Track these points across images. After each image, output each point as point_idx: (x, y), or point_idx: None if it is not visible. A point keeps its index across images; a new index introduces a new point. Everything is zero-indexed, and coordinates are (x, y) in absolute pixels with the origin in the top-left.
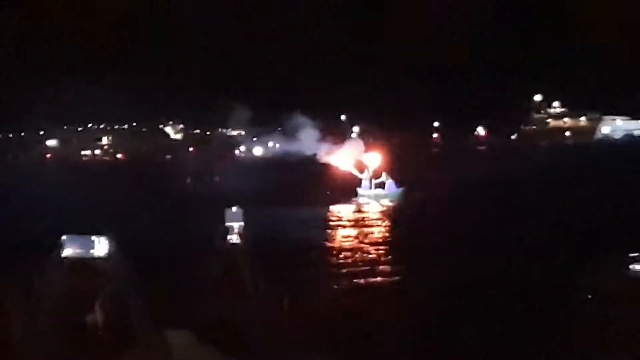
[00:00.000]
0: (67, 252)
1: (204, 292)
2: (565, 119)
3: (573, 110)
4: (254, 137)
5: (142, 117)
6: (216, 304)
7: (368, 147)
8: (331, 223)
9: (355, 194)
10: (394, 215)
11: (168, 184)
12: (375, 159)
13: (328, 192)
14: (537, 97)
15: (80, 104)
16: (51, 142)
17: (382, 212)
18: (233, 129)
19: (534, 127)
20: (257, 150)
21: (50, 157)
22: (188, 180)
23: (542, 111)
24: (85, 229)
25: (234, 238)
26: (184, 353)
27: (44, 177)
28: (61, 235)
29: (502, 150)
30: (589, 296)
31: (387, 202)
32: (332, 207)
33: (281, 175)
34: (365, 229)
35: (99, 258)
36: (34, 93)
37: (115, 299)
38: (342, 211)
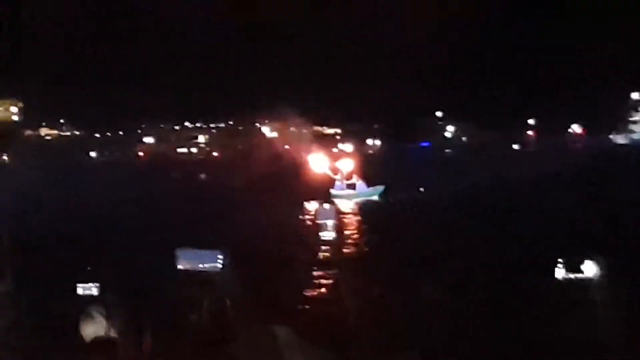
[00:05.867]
0: (182, 265)
1: (304, 290)
2: None
3: None
4: (338, 135)
5: (239, 116)
6: (316, 301)
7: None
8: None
9: (329, 194)
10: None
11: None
12: (347, 163)
13: None
14: (635, 95)
15: (177, 103)
16: (148, 140)
17: (352, 208)
18: (329, 127)
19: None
20: (348, 148)
21: (143, 156)
22: None
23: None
24: (198, 243)
25: (327, 235)
26: (285, 349)
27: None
28: (174, 249)
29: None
30: None
31: (357, 200)
32: (308, 204)
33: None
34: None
35: (212, 271)
36: (132, 93)
37: (222, 305)
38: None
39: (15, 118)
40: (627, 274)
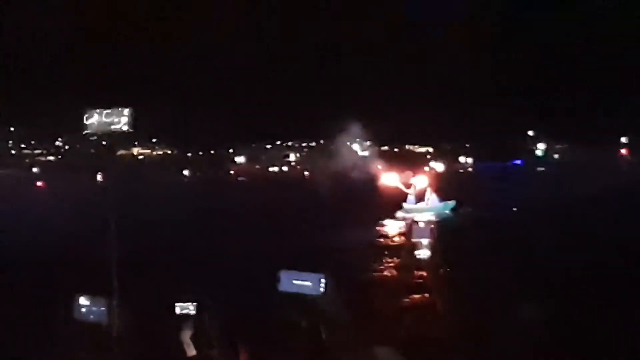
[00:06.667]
0: (283, 287)
1: (401, 311)
2: None
3: None
4: (429, 154)
5: (331, 135)
6: (414, 322)
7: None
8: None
9: (401, 207)
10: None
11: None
12: (421, 179)
13: None
14: None
15: (268, 123)
16: (239, 159)
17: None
18: (421, 146)
19: None
20: (439, 167)
21: (235, 174)
22: None
23: None
24: (300, 265)
25: (422, 254)
26: None
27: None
28: (275, 270)
29: None
30: None
31: (430, 215)
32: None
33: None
34: None
35: (315, 295)
36: (224, 112)
37: (320, 327)
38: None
39: (125, 128)
40: None
